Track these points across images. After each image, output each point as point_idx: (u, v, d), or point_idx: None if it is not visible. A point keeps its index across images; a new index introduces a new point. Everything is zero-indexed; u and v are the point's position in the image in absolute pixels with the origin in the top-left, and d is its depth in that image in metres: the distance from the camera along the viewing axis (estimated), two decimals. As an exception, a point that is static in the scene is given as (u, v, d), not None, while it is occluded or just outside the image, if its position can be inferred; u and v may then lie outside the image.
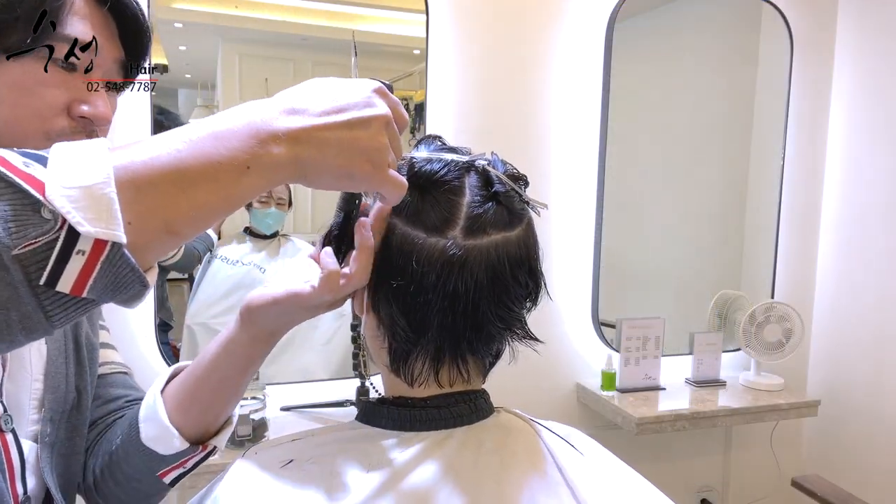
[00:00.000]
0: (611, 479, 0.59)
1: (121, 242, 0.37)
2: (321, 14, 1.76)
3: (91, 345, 0.74)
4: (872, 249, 2.08)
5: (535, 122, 1.89)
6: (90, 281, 0.37)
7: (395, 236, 0.53)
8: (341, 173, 0.45)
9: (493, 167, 0.56)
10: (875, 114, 2.08)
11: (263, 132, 0.42)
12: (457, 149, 0.57)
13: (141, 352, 1.55)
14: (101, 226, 0.36)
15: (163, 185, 0.39)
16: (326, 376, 1.77)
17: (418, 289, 0.52)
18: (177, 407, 0.67)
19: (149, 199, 0.38)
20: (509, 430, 0.58)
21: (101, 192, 0.36)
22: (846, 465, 2.17)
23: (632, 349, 1.92)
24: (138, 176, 0.38)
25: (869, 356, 2.09)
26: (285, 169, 0.43)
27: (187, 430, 0.67)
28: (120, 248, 0.37)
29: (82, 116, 0.61)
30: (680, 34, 2.18)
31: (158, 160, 0.39)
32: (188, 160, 0.40)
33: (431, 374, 0.56)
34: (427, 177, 0.53)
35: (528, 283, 0.56)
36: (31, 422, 0.66)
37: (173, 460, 0.68)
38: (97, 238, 0.36)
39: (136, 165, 0.38)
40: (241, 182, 0.41)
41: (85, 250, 0.36)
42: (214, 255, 1.79)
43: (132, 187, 0.38)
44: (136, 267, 0.38)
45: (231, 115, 0.43)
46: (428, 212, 0.53)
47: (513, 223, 0.55)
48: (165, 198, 0.39)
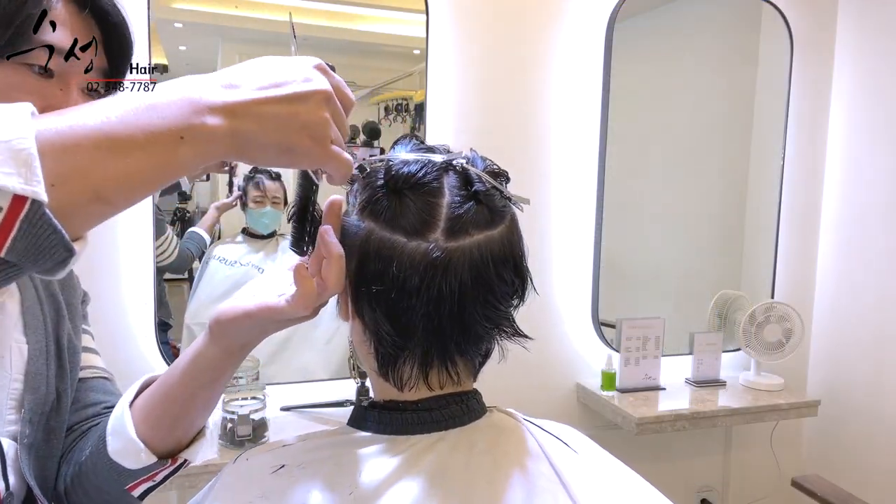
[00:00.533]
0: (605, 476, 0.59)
1: (41, 200, 0.35)
2: (321, 14, 1.76)
3: (73, 347, 0.73)
4: (872, 249, 2.08)
5: (535, 122, 1.89)
6: (8, 241, 0.35)
7: (373, 241, 0.52)
8: (281, 148, 0.44)
9: (472, 165, 0.55)
10: (875, 114, 2.08)
11: (200, 104, 0.41)
12: (434, 147, 0.56)
13: (141, 352, 1.55)
14: (20, 182, 0.34)
15: (90, 149, 0.37)
16: (326, 376, 1.77)
17: (402, 294, 0.51)
18: (145, 420, 0.65)
19: (74, 160, 0.37)
20: (502, 430, 0.58)
21: (19, 146, 0.35)
22: (846, 465, 2.17)
23: (632, 349, 1.92)
24: (64, 137, 0.37)
25: (869, 356, 2.09)
26: (221, 141, 0.42)
27: (156, 444, 0.65)
28: (41, 206, 0.35)
29: None
30: (680, 34, 2.18)
31: (86, 125, 0.38)
32: (118, 127, 0.38)
33: (420, 378, 0.55)
34: (404, 179, 0.52)
35: (513, 280, 0.55)
36: (8, 422, 0.65)
37: (141, 474, 0.66)
38: (15, 194, 0.34)
39: (62, 128, 0.37)
40: (175, 152, 0.40)
41: (2, 206, 0.34)
42: (213, 255, 1.79)
43: (57, 148, 0.36)
44: (58, 229, 0.36)
45: (168, 87, 0.42)
46: (407, 215, 0.51)
47: (495, 221, 0.54)
48: (92, 161, 0.37)
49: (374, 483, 0.52)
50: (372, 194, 0.53)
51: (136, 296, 1.55)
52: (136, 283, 1.55)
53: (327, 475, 0.54)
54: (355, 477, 0.53)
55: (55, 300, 0.73)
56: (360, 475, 0.53)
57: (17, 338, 0.67)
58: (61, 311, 0.73)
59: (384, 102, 1.86)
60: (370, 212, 0.53)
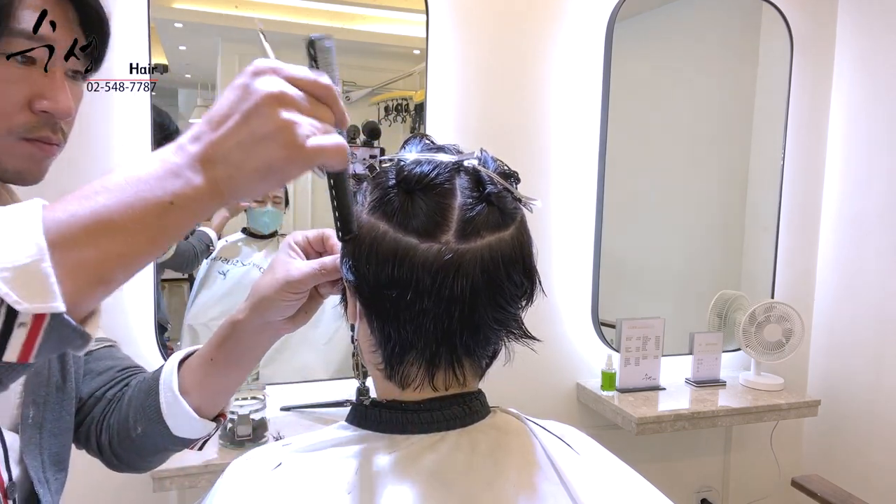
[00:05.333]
0: (607, 477, 0.59)
1: (60, 312, 0.39)
2: (321, 14, 1.76)
3: None
4: (872, 249, 2.08)
5: (535, 122, 1.89)
6: (35, 349, 0.39)
7: (385, 242, 0.52)
8: (260, 172, 0.43)
9: (483, 165, 0.54)
10: (875, 114, 2.08)
11: (177, 167, 0.42)
12: (445, 147, 0.56)
13: (141, 352, 1.55)
14: (38, 301, 0.38)
15: (88, 239, 0.40)
16: (326, 376, 1.77)
17: (413, 296, 0.51)
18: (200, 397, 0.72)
19: (77, 255, 0.40)
20: (504, 431, 0.58)
21: (35, 268, 0.38)
22: (846, 465, 2.17)
23: (632, 349, 1.92)
24: (64, 236, 0.39)
25: (869, 356, 2.09)
26: (207, 196, 0.43)
27: (211, 414, 0.74)
28: (59, 315, 0.39)
29: (44, 111, 0.61)
30: (680, 34, 2.18)
31: (80, 215, 0.40)
32: (109, 209, 0.40)
33: (427, 379, 0.55)
34: (417, 180, 0.52)
35: (523, 282, 0.55)
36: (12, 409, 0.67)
37: (204, 437, 0.76)
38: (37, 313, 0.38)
39: (62, 226, 0.40)
40: (166, 220, 0.42)
41: (26, 323, 0.38)
42: (213, 255, 1.79)
43: (60, 248, 0.39)
44: (77, 327, 0.40)
45: (146, 159, 0.43)
46: (419, 216, 0.51)
47: (506, 223, 0.54)
48: (93, 250, 0.40)
49: (373, 481, 0.52)
50: (383, 194, 0.53)
51: (137, 297, 1.55)
52: (136, 285, 1.55)
53: (326, 473, 0.54)
54: (354, 475, 0.53)
55: None
56: (359, 473, 0.53)
57: None
58: None
59: (384, 102, 1.86)
60: (382, 212, 0.53)
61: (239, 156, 0.42)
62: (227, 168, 0.42)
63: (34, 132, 0.61)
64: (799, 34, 2.12)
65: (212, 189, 0.42)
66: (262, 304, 0.64)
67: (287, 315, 0.65)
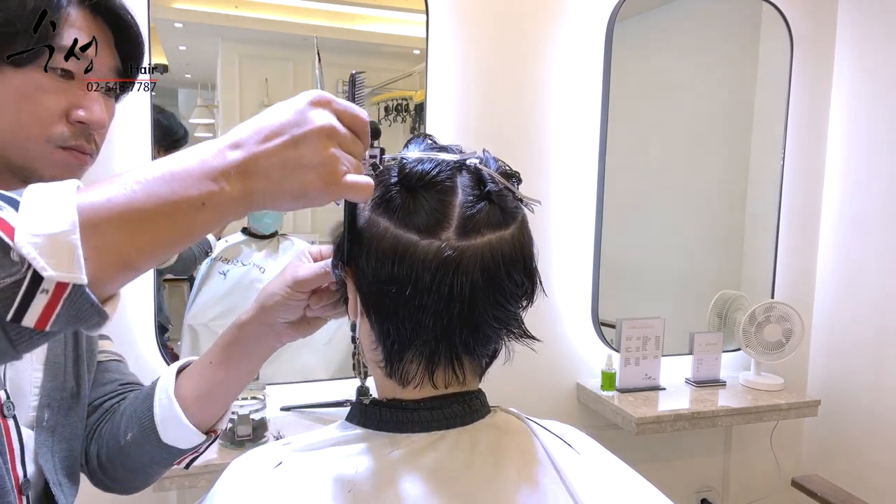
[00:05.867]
0: (608, 477, 0.59)
1: (82, 284, 0.40)
2: (321, 14, 1.76)
3: (90, 337, 0.79)
4: (872, 249, 2.08)
5: (535, 122, 1.89)
6: (53, 317, 0.40)
7: (386, 239, 0.52)
8: (294, 195, 0.46)
9: (485, 165, 0.55)
10: (875, 113, 2.08)
11: (214, 170, 0.44)
12: (447, 147, 0.56)
13: (141, 352, 1.55)
14: (63, 270, 0.39)
15: (120, 224, 0.42)
16: (326, 376, 1.77)
17: (413, 292, 0.51)
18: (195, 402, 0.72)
19: (106, 237, 0.41)
20: (505, 430, 0.58)
21: (65, 239, 0.39)
22: (846, 465, 2.17)
23: (632, 349, 1.92)
24: (97, 214, 0.41)
25: (869, 356, 2.09)
26: (238, 203, 0.45)
27: (205, 424, 0.73)
28: (81, 287, 0.40)
29: (79, 121, 0.64)
30: (680, 34, 2.18)
31: (116, 200, 0.42)
32: (143, 200, 0.42)
33: (426, 377, 0.55)
34: (418, 177, 0.52)
35: (523, 281, 0.55)
36: (31, 408, 0.70)
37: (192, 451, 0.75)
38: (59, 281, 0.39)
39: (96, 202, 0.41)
40: (196, 219, 0.44)
41: (48, 289, 0.39)
42: (213, 256, 1.79)
43: (91, 227, 0.40)
44: (95, 303, 0.41)
45: (185, 156, 0.45)
46: (420, 213, 0.52)
47: (507, 222, 0.54)
48: (122, 235, 0.42)
49: (374, 480, 0.52)
50: (385, 191, 0.53)
51: (137, 298, 1.55)
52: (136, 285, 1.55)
53: (326, 472, 0.54)
54: (354, 474, 0.53)
55: None
56: (360, 472, 0.53)
57: None
58: None
59: (384, 102, 1.86)
60: (384, 209, 0.53)
61: (279, 175, 0.45)
62: (264, 183, 0.45)
63: (70, 141, 0.65)
64: (799, 34, 2.12)
65: (244, 199, 0.45)
66: (269, 300, 0.67)
67: (291, 318, 0.68)
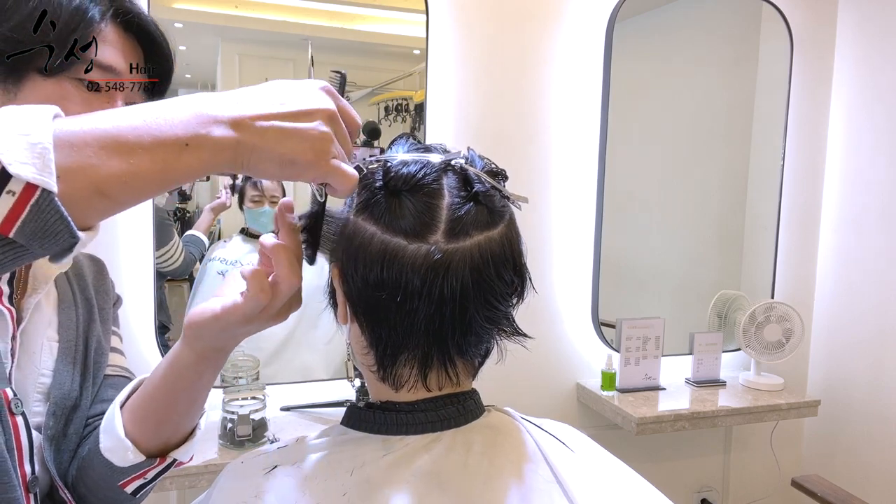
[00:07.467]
0: (602, 475, 0.59)
1: (51, 189, 0.38)
2: (321, 14, 1.76)
3: (101, 349, 0.78)
4: (872, 249, 2.08)
5: (535, 122, 1.89)
6: (18, 221, 0.38)
7: (374, 244, 0.51)
8: (283, 160, 0.46)
9: (470, 164, 0.54)
10: (875, 114, 2.08)
11: (207, 116, 0.43)
12: (431, 147, 0.56)
13: (141, 353, 1.55)
14: (33, 172, 0.37)
15: (96, 148, 0.40)
16: (326, 376, 1.77)
17: (403, 297, 0.51)
18: (132, 420, 0.67)
19: (80, 157, 0.40)
20: (499, 430, 0.58)
21: (36, 140, 0.38)
22: (846, 465, 2.17)
23: (632, 349, 1.92)
24: (75, 136, 0.40)
25: (869, 356, 2.09)
26: (224, 151, 0.44)
27: (143, 443, 0.67)
28: (50, 194, 0.38)
29: None
30: (680, 34, 2.18)
31: (98, 127, 0.41)
32: (127, 131, 0.41)
33: (419, 379, 0.55)
34: (404, 180, 0.52)
35: (513, 280, 0.55)
36: (35, 413, 0.69)
37: (131, 471, 0.69)
38: (28, 182, 0.37)
39: (75, 128, 0.40)
40: (178, 158, 0.42)
41: (15, 191, 0.37)
42: (212, 256, 1.79)
43: (66, 145, 0.39)
44: (65, 216, 0.39)
45: (180, 100, 0.44)
46: (407, 217, 0.51)
47: (495, 222, 0.54)
48: (98, 159, 0.40)
49: (368, 483, 0.52)
50: (371, 196, 0.53)
51: (137, 297, 1.55)
52: (137, 285, 1.55)
53: (321, 475, 0.53)
54: (349, 477, 0.53)
55: (89, 304, 0.78)
56: (354, 475, 0.52)
57: (49, 335, 0.73)
58: (93, 315, 0.78)
59: (384, 102, 1.86)
60: (369, 214, 0.53)
61: (274, 136, 0.45)
62: (257, 139, 0.44)
63: None
64: (799, 34, 2.12)
65: (231, 150, 0.44)
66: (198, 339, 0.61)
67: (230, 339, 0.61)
